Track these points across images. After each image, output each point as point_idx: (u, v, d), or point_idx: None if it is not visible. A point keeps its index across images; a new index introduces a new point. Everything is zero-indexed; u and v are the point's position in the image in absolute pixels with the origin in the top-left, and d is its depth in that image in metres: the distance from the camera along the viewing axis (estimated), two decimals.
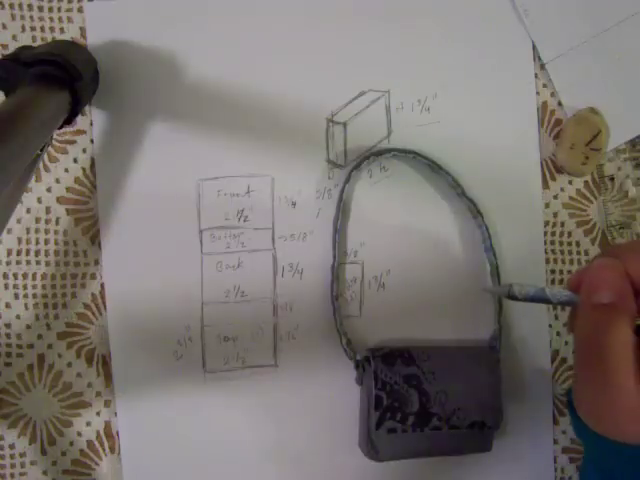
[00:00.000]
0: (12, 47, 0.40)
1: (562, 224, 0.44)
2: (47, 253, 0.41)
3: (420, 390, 0.39)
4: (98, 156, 0.41)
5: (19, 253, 0.41)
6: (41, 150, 0.35)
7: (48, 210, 0.41)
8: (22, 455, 0.41)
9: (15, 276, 0.41)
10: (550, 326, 0.43)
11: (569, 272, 0.44)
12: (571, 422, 0.31)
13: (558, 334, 0.44)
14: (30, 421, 0.41)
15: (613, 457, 0.30)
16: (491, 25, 0.43)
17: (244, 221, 0.42)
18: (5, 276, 0.41)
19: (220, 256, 0.41)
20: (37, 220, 0.41)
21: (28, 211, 0.41)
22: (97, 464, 0.42)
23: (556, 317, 0.44)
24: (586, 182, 0.44)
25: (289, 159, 0.42)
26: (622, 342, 0.26)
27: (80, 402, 0.41)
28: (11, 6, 0.40)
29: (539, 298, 0.30)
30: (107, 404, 0.41)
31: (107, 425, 0.42)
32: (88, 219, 0.41)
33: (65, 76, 0.35)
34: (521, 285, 0.31)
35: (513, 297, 0.31)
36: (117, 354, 0.41)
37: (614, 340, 0.26)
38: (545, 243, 0.43)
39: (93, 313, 0.41)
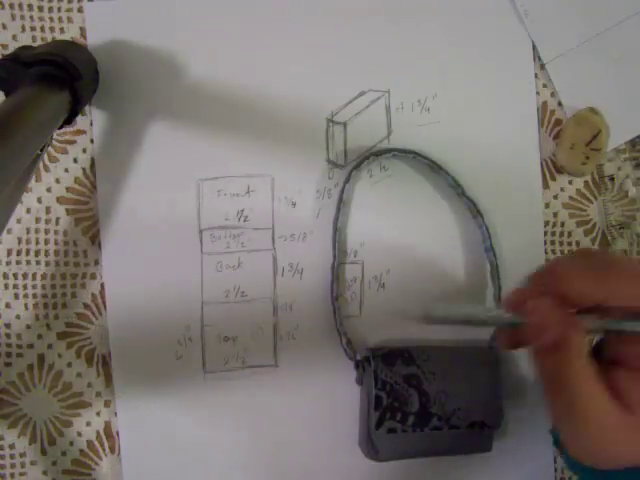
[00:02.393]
0: (12, 47, 0.40)
1: (562, 224, 0.44)
2: (47, 253, 0.41)
3: (420, 390, 0.39)
4: (98, 156, 0.41)
5: (19, 253, 0.41)
6: (41, 150, 0.35)
7: (48, 210, 0.41)
8: (22, 455, 0.41)
9: (15, 276, 0.41)
10: None
11: None
12: (561, 457, 0.31)
13: None
14: (30, 421, 0.41)
15: None
16: (491, 25, 0.43)
17: (244, 221, 0.42)
18: (5, 276, 0.41)
19: (220, 256, 0.41)
20: (37, 220, 0.41)
21: (28, 211, 0.41)
22: (97, 464, 0.42)
23: None
24: (586, 182, 0.44)
25: (289, 159, 0.42)
26: (582, 373, 0.26)
27: (80, 402, 0.41)
28: (11, 6, 0.40)
29: (465, 320, 0.29)
30: (107, 404, 0.41)
31: (107, 425, 0.42)
32: (88, 219, 0.41)
33: (65, 76, 0.35)
34: (445, 308, 0.30)
35: (435, 322, 0.30)
36: (117, 354, 0.41)
37: (573, 375, 0.26)
38: (545, 243, 0.43)
39: (93, 313, 0.41)
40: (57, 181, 0.41)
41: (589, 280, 0.27)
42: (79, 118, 0.40)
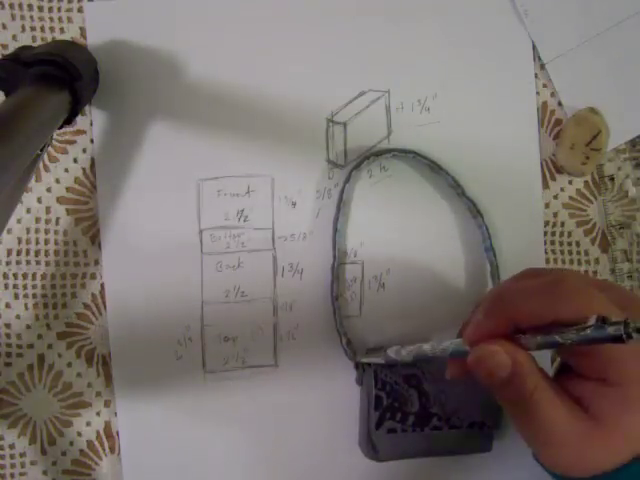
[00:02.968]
0: (12, 47, 0.40)
1: (562, 224, 0.44)
2: (47, 253, 0.41)
3: (420, 390, 0.39)
4: (98, 156, 0.41)
5: (19, 253, 0.41)
6: (41, 150, 0.35)
7: (48, 210, 0.41)
8: (22, 455, 0.41)
9: (15, 276, 0.41)
10: None
11: None
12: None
13: None
14: (30, 421, 0.41)
15: None
16: (491, 25, 0.43)
17: (244, 221, 0.42)
18: (5, 276, 0.41)
19: (220, 256, 0.41)
20: (37, 220, 0.41)
21: (28, 211, 0.41)
22: (97, 464, 0.42)
23: None
24: (586, 182, 0.44)
25: (289, 159, 0.42)
26: (537, 395, 0.27)
27: (80, 402, 0.41)
28: (11, 6, 0.40)
29: (418, 358, 0.32)
30: (107, 404, 0.41)
31: (107, 425, 0.42)
32: (88, 219, 0.41)
33: (65, 76, 0.35)
34: (399, 350, 0.33)
35: (391, 362, 0.32)
36: (117, 354, 0.41)
37: (529, 398, 0.27)
38: (545, 243, 0.43)
39: (93, 313, 0.41)
40: (57, 181, 0.41)
41: (536, 302, 0.27)
42: (79, 118, 0.40)
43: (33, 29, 0.40)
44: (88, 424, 0.42)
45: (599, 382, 0.27)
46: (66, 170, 0.41)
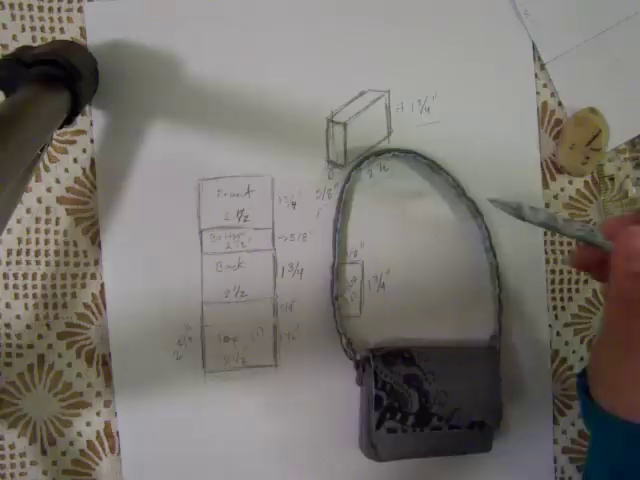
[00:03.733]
0: (12, 47, 0.40)
1: None
2: (47, 253, 0.41)
3: (420, 390, 0.39)
4: (98, 156, 0.41)
5: (19, 253, 0.41)
6: (41, 150, 0.35)
7: (48, 210, 0.41)
8: (22, 455, 0.41)
9: (15, 276, 0.41)
10: (550, 326, 0.43)
11: (569, 272, 0.44)
12: (581, 409, 0.30)
13: (558, 334, 0.44)
14: (30, 421, 0.41)
15: (625, 446, 0.28)
16: (491, 25, 0.43)
17: (244, 221, 0.42)
18: (5, 276, 0.41)
19: (220, 256, 0.41)
20: (37, 220, 0.41)
21: (28, 211, 0.41)
22: (97, 464, 0.42)
23: (556, 317, 0.44)
24: (586, 182, 0.44)
25: (289, 159, 0.42)
26: None
27: (80, 402, 0.41)
28: (11, 6, 0.40)
29: (548, 225, 0.30)
30: (107, 404, 0.41)
31: (107, 425, 0.42)
32: (88, 219, 0.41)
33: (65, 76, 0.35)
34: (533, 208, 0.30)
35: (521, 217, 0.30)
36: (117, 354, 0.41)
37: None
38: (545, 243, 0.43)
39: (93, 313, 0.41)
40: (57, 181, 0.41)
41: None
42: (79, 118, 0.40)
43: (33, 29, 0.40)
44: (88, 424, 0.42)
45: None
46: (66, 170, 0.41)
